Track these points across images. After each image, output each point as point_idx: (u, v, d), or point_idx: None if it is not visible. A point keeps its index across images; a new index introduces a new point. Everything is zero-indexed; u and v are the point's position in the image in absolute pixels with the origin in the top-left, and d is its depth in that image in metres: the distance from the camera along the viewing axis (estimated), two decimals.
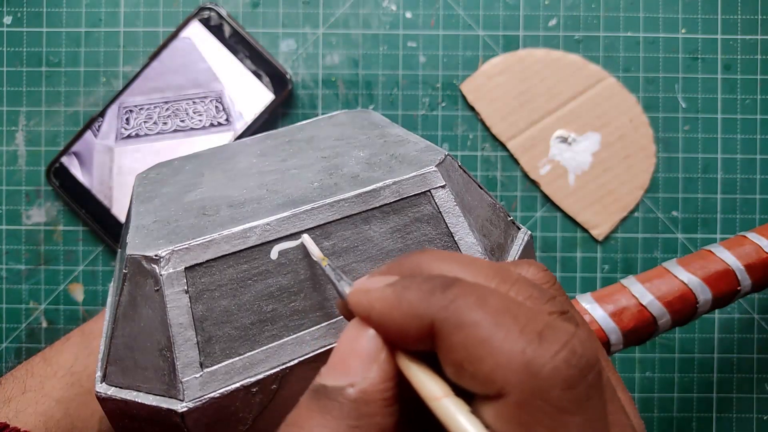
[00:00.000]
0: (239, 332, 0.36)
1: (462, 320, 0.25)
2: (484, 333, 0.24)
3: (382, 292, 0.28)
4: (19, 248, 0.75)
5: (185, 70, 0.73)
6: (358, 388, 0.27)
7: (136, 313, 0.37)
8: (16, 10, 0.75)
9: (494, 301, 0.25)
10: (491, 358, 0.24)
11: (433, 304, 0.26)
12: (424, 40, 0.76)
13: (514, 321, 0.24)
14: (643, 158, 0.75)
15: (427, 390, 0.26)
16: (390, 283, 0.28)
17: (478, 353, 0.24)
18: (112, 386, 0.38)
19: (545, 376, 0.23)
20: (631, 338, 0.55)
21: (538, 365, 0.23)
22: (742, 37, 0.75)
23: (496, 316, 0.25)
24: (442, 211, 0.40)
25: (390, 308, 0.27)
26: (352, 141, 0.48)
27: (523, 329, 0.24)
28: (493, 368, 0.24)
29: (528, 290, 0.27)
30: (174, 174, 0.49)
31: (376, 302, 0.27)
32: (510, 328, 0.24)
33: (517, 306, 0.25)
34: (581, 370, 0.23)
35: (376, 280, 0.29)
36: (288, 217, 0.38)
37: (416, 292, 0.26)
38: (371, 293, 0.28)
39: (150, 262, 0.36)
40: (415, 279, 0.27)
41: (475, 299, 0.25)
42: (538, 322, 0.24)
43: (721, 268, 0.56)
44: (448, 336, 0.25)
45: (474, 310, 0.25)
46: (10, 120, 0.75)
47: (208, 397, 0.35)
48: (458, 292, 0.26)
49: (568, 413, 0.23)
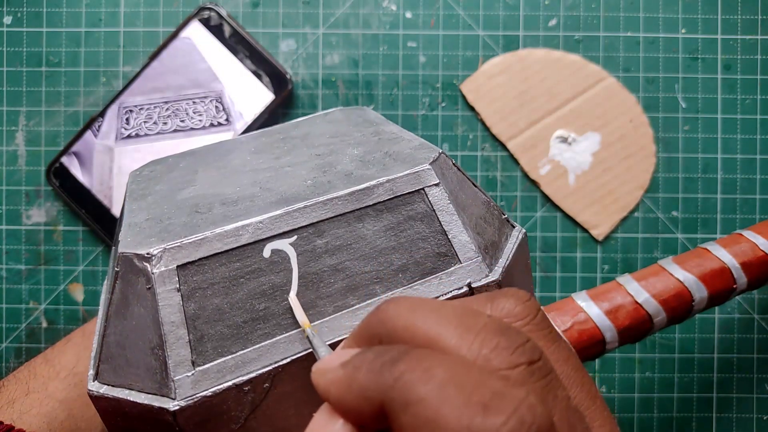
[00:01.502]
0: (231, 330, 0.36)
1: (408, 399, 0.24)
2: (429, 411, 0.23)
3: (336, 374, 0.27)
4: (19, 248, 0.75)
5: (185, 70, 0.73)
6: None
7: (128, 312, 0.37)
8: (16, 10, 0.75)
9: (441, 371, 0.24)
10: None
11: (382, 384, 0.25)
12: (424, 40, 0.76)
13: (459, 393, 0.23)
14: (643, 158, 0.75)
15: None
16: (343, 363, 0.27)
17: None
18: (104, 384, 0.38)
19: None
20: (626, 336, 0.55)
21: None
22: (742, 37, 0.75)
23: (441, 389, 0.23)
24: (436, 209, 0.40)
25: (343, 392, 0.26)
26: (347, 138, 0.48)
27: (468, 401, 0.23)
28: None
29: (494, 339, 0.26)
30: (168, 171, 0.49)
31: (332, 386, 0.27)
32: (455, 402, 0.23)
33: (465, 373, 0.24)
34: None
35: (335, 356, 0.28)
36: (281, 215, 0.38)
37: (366, 373, 0.26)
38: (327, 375, 0.27)
39: (142, 260, 0.36)
40: (368, 355, 0.26)
41: (420, 373, 0.24)
42: (485, 391, 0.23)
43: (716, 266, 0.56)
44: (398, 416, 0.24)
45: (420, 386, 0.24)
46: (10, 120, 0.75)
47: (200, 396, 0.35)
48: (405, 367, 0.24)
49: None
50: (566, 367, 0.29)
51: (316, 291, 0.38)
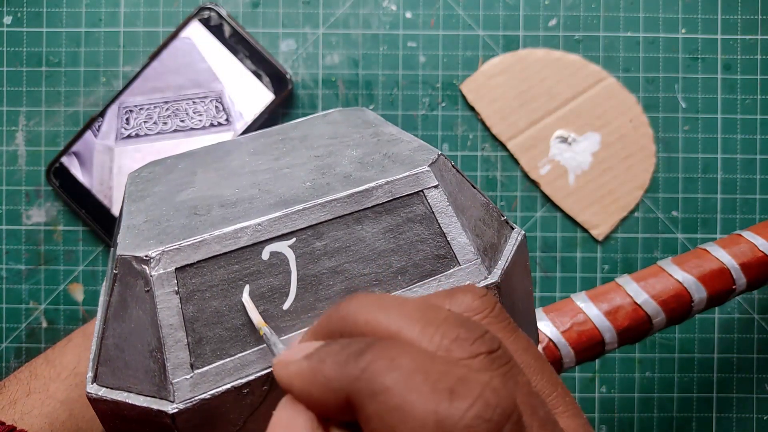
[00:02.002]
0: (230, 333, 0.36)
1: (374, 388, 0.24)
2: (396, 399, 0.23)
3: (299, 366, 0.27)
4: (19, 248, 0.75)
5: (185, 70, 0.73)
6: None
7: (126, 314, 0.37)
8: (16, 10, 0.75)
9: (406, 360, 0.24)
10: (405, 425, 0.23)
11: (347, 376, 0.25)
12: (424, 40, 0.76)
13: (425, 380, 0.23)
14: (643, 158, 0.75)
15: None
16: (307, 355, 0.27)
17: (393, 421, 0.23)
18: (102, 387, 0.38)
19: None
20: (625, 337, 0.55)
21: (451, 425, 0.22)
22: (742, 37, 0.75)
23: (407, 378, 0.24)
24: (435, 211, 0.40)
25: (308, 384, 0.26)
26: (346, 140, 0.47)
27: (434, 388, 0.23)
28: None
29: (454, 331, 0.26)
30: (166, 173, 0.48)
31: (295, 378, 0.27)
32: (421, 390, 0.23)
33: (429, 362, 0.24)
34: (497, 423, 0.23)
35: (297, 350, 0.28)
36: (280, 218, 0.38)
37: (330, 365, 0.26)
38: (290, 367, 0.27)
39: (140, 262, 0.35)
40: (332, 348, 0.26)
41: (386, 363, 0.24)
42: (450, 377, 0.24)
43: (716, 266, 0.56)
44: (364, 407, 0.24)
45: (385, 376, 0.24)
46: (10, 120, 0.75)
47: (199, 399, 0.35)
48: (371, 358, 0.25)
49: None
50: (526, 356, 0.29)
51: (315, 293, 0.38)
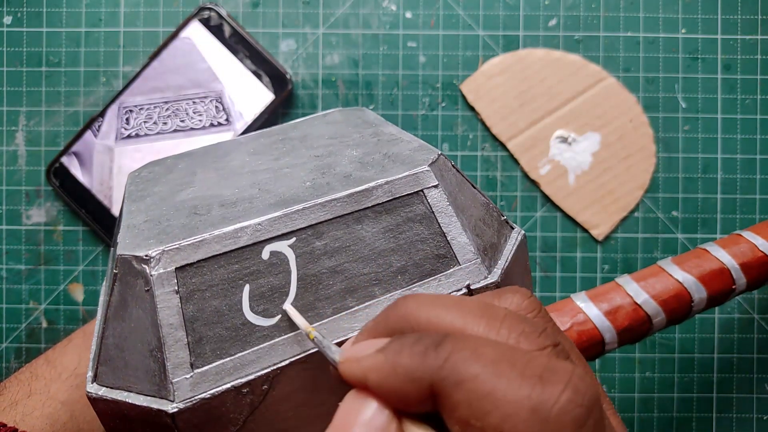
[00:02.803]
0: (230, 333, 0.36)
1: (461, 377, 0.24)
2: (485, 386, 0.24)
3: (374, 360, 0.27)
4: (19, 248, 0.75)
5: (185, 70, 0.73)
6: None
7: (126, 314, 0.37)
8: (16, 10, 0.75)
9: (489, 351, 0.25)
10: (497, 410, 0.23)
11: (429, 366, 0.25)
12: (424, 40, 0.76)
13: (512, 368, 0.24)
14: (643, 158, 0.75)
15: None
16: (380, 349, 0.27)
17: (483, 407, 0.24)
18: (102, 386, 0.38)
19: (554, 419, 0.23)
20: (625, 337, 0.55)
21: (546, 409, 0.23)
22: (742, 37, 0.75)
23: (494, 366, 0.24)
24: (435, 210, 0.40)
25: (386, 376, 0.26)
26: (346, 140, 0.48)
27: (523, 375, 0.24)
28: (502, 419, 0.23)
29: (519, 326, 0.27)
30: (166, 173, 0.49)
31: (370, 372, 0.27)
32: (510, 376, 0.24)
33: (512, 351, 0.25)
34: (587, 408, 0.23)
35: (364, 346, 0.28)
36: (279, 217, 0.38)
37: (409, 356, 0.26)
38: (362, 362, 0.27)
39: (140, 262, 0.36)
40: (406, 340, 0.27)
41: (469, 353, 0.25)
42: (536, 365, 0.24)
43: (716, 266, 0.56)
44: (450, 395, 0.24)
45: (471, 364, 0.24)
46: (10, 120, 0.75)
47: (199, 398, 0.35)
48: (451, 348, 0.25)
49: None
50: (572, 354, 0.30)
51: (314, 293, 0.38)
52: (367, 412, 0.27)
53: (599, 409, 0.24)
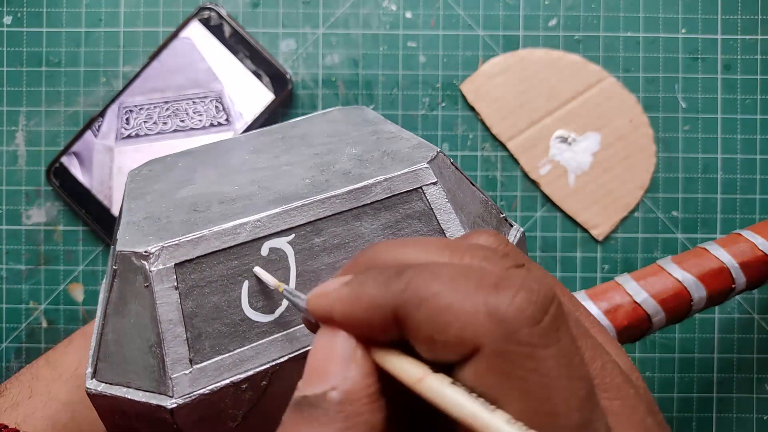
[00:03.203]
0: (229, 329, 0.36)
1: (421, 296, 0.25)
2: (444, 300, 0.24)
3: (340, 292, 0.28)
4: (19, 248, 0.75)
5: (185, 70, 0.74)
6: (340, 389, 0.26)
7: (126, 309, 0.37)
8: (16, 10, 0.75)
9: (447, 270, 0.26)
10: (457, 321, 0.24)
11: (392, 292, 0.26)
12: (424, 40, 0.76)
13: (468, 281, 0.25)
14: (643, 158, 0.75)
15: (407, 374, 0.26)
16: (345, 282, 0.28)
17: (444, 320, 0.24)
18: (102, 383, 0.38)
19: (510, 319, 0.23)
20: (625, 336, 0.55)
21: (502, 311, 0.24)
22: (742, 37, 0.75)
23: (451, 282, 0.25)
24: (434, 207, 0.40)
25: (350, 306, 0.27)
26: (345, 138, 0.48)
27: (479, 285, 0.24)
28: (462, 328, 0.24)
29: (480, 253, 0.28)
30: (166, 170, 0.49)
31: (336, 303, 0.27)
32: (467, 288, 0.24)
33: (469, 269, 0.26)
34: (542, 305, 0.24)
35: (331, 283, 0.29)
36: (279, 214, 0.38)
37: (372, 285, 0.27)
38: (329, 295, 0.28)
39: (140, 258, 0.36)
40: (370, 273, 0.28)
41: (429, 274, 0.25)
42: (491, 276, 0.25)
43: (715, 265, 0.56)
44: (413, 316, 0.25)
45: (430, 284, 0.25)
46: (10, 120, 0.75)
47: (198, 394, 0.35)
48: (412, 273, 0.26)
49: (541, 347, 0.24)
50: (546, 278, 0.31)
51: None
52: (335, 344, 0.27)
53: (557, 306, 0.24)
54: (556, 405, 0.24)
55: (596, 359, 0.27)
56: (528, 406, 0.23)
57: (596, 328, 0.30)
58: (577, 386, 0.24)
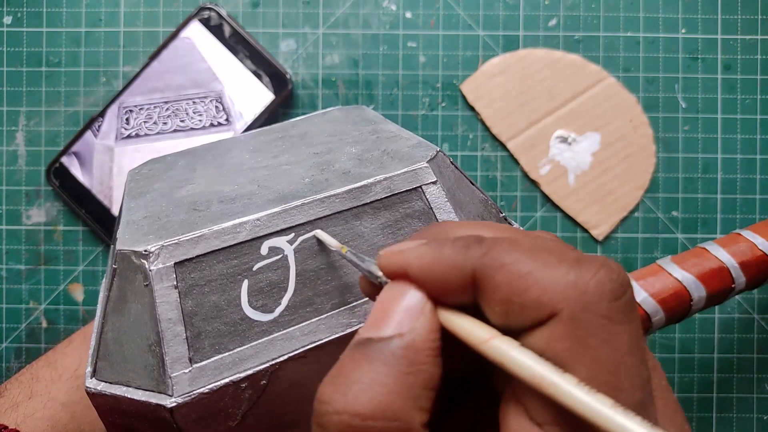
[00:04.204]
0: (229, 327, 0.36)
1: (502, 261, 0.26)
2: (525, 267, 0.25)
3: (418, 251, 0.28)
4: (19, 248, 0.75)
5: (185, 70, 0.73)
6: (407, 338, 0.27)
7: (125, 308, 0.37)
8: (16, 10, 0.75)
9: (527, 242, 0.27)
10: (537, 286, 0.25)
11: (471, 255, 0.27)
12: (424, 40, 0.76)
13: (549, 254, 0.26)
14: (643, 158, 0.75)
15: (475, 336, 0.26)
16: (424, 243, 0.29)
17: (524, 284, 0.25)
18: (101, 381, 0.38)
19: (592, 290, 0.24)
20: None
21: (584, 282, 0.25)
22: (742, 37, 0.75)
23: (532, 252, 0.26)
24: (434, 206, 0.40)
25: (429, 264, 0.28)
26: (345, 137, 0.48)
27: (560, 258, 0.25)
28: (542, 293, 0.25)
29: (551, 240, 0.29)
30: (166, 170, 0.49)
31: (413, 260, 0.28)
32: (548, 260, 0.25)
33: (548, 244, 0.27)
34: (622, 284, 0.25)
35: (406, 243, 0.29)
36: (278, 213, 0.38)
37: (452, 247, 0.27)
38: (405, 253, 0.29)
39: (139, 257, 0.36)
40: (448, 239, 0.28)
41: (509, 244, 0.26)
42: (571, 254, 0.26)
43: (715, 265, 0.56)
44: (491, 278, 0.26)
45: (511, 252, 0.26)
46: (10, 120, 0.75)
47: (197, 393, 0.35)
48: (492, 242, 0.27)
49: (617, 323, 0.25)
50: None
51: (313, 288, 0.38)
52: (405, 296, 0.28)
53: (631, 290, 0.26)
54: (622, 380, 0.24)
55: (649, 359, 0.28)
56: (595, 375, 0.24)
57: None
58: (642, 368, 0.25)
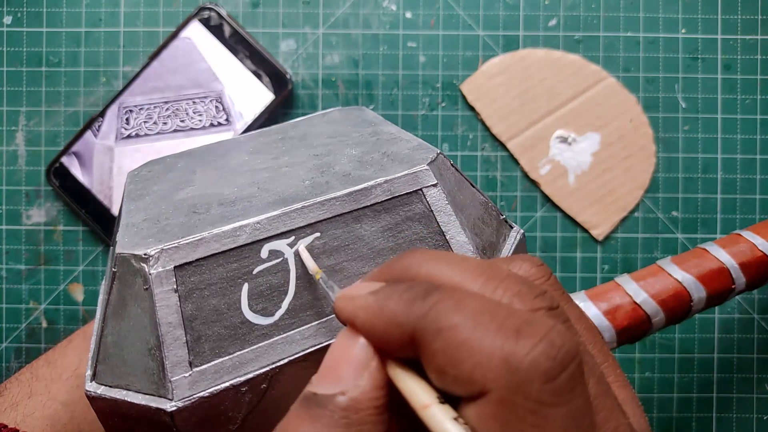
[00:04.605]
0: (229, 331, 0.36)
1: (440, 326, 0.25)
2: (462, 335, 0.24)
3: (365, 300, 0.28)
4: (19, 248, 0.75)
5: (185, 70, 0.73)
6: (348, 395, 0.26)
7: (125, 312, 0.37)
8: (16, 10, 0.75)
9: (473, 303, 0.25)
10: (470, 359, 0.24)
11: (413, 313, 0.26)
12: (424, 40, 0.76)
13: (491, 320, 0.24)
14: (643, 158, 0.75)
15: (415, 398, 0.26)
16: (373, 291, 0.28)
17: (458, 355, 0.24)
18: (101, 385, 0.38)
19: (524, 370, 0.23)
20: (624, 337, 0.55)
21: (517, 360, 0.23)
22: (742, 37, 0.75)
23: (474, 317, 0.24)
24: (434, 209, 0.40)
25: (372, 317, 0.27)
26: (345, 139, 0.48)
27: (500, 327, 0.24)
28: (473, 368, 0.24)
29: (516, 287, 0.27)
30: (166, 171, 0.49)
31: (360, 310, 0.28)
32: (487, 327, 0.24)
33: (495, 306, 0.25)
34: (561, 362, 0.23)
35: (361, 286, 0.29)
36: (279, 216, 0.38)
37: (397, 302, 0.27)
38: (355, 300, 0.28)
39: (139, 260, 0.36)
40: (398, 287, 0.27)
41: (453, 303, 0.25)
42: (516, 319, 0.24)
43: (715, 266, 0.56)
44: (429, 343, 0.25)
45: (452, 314, 0.25)
46: (10, 120, 0.75)
47: (198, 397, 0.35)
48: (438, 298, 0.26)
49: (549, 406, 0.23)
50: (579, 325, 0.30)
51: (313, 292, 0.38)
52: (353, 348, 0.28)
53: (576, 365, 0.24)
54: None
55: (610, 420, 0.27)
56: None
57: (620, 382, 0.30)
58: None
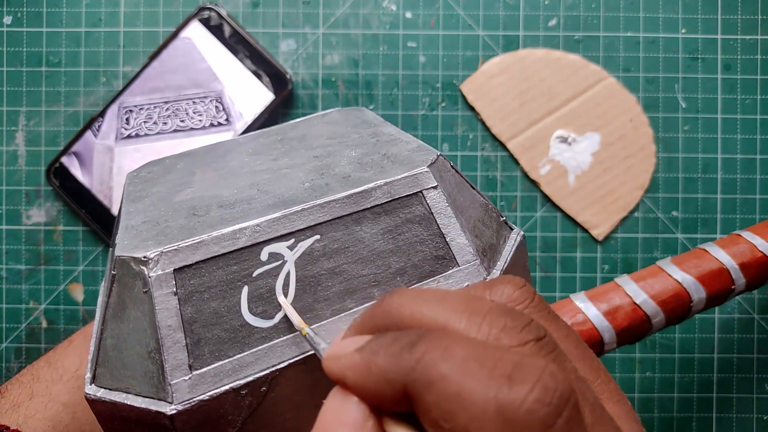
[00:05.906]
0: (229, 334, 0.36)
1: (430, 378, 0.24)
2: (453, 387, 0.24)
3: (352, 359, 0.27)
4: (19, 248, 0.75)
5: (185, 70, 0.73)
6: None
7: (124, 315, 0.37)
8: (16, 10, 0.75)
9: (460, 349, 0.25)
10: (465, 412, 0.23)
11: (403, 367, 0.25)
12: (424, 40, 0.76)
13: (481, 367, 0.24)
14: (643, 158, 0.74)
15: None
16: (358, 348, 0.27)
17: (452, 408, 0.23)
18: (101, 388, 0.38)
19: (520, 420, 0.22)
20: (624, 337, 0.55)
21: (512, 411, 0.23)
22: (742, 37, 0.75)
23: (463, 366, 0.24)
24: (434, 211, 0.40)
25: (362, 376, 0.26)
26: (345, 140, 0.47)
27: (491, 374, 0.23)
28: (469, 421, 0.23)
29: (501, 321, 0.27)
30: (165, 173, 0.48)
31: (348, 371, 0.27)
32: (479, 376, 0.23)
33: (483, 349, 0.25)
34: (557, 407, 0.23)
35: (346, 344, 0.28)
36: (278, 218, 0.37)
37: (384, 357, 0.26)
38: (342, 360, 0.27)
39: (138, 263, 0.35)
40: (383, 340, 0.27)
41: (440, 353, 0.25)
42: (506, 364, 0.24)
43: (715, 266, 0.56)
44: (421, 396, 0.24)
45: (440, 365, 0.24)
46: (10, 120, 0.75)
47: (197, 400, 0.35)
48: (425, 348, 0.25)
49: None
50: (567, 343, 0.30)
51: (313, 294, 0.38)
52: (347, 409, 0.27)
53: (572, 406, 0.23)
54: None
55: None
56: None
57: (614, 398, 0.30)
58: None
